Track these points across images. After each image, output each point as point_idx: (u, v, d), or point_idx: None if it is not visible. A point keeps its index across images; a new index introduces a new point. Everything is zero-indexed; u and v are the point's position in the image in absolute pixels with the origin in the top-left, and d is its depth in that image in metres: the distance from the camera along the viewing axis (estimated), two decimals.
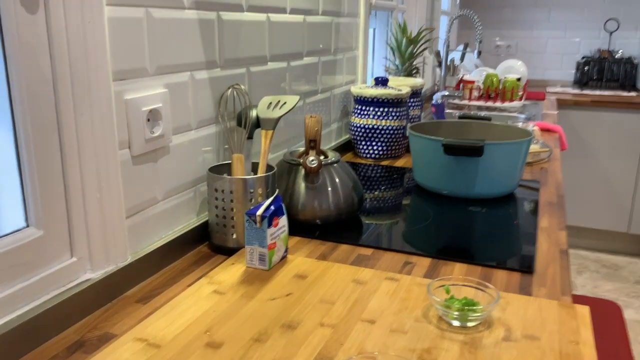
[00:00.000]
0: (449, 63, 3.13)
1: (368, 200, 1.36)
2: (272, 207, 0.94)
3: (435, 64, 3.34)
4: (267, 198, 1.01)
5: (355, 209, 1.19)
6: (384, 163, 1.72)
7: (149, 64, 0.91)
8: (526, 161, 1.55)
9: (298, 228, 1.13)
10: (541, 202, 1.36)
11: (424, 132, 1.52)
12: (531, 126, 2.08)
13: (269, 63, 1.29)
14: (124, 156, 0.88)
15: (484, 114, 2.44)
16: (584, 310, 0.82)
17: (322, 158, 1.16)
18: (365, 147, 1.75)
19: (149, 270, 0.93)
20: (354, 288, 0.88)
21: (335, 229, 1.15)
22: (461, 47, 3.30)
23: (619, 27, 3.81)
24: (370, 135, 1.72)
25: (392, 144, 1.74)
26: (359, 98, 1.73)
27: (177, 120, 0.99)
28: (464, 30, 4.25)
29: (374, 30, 2.56)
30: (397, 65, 2.23)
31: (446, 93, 2.83)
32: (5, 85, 0.72)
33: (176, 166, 1.01)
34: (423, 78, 2.30)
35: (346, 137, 1.89)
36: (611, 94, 3.50)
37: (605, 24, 3.84)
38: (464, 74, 3.21)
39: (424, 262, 1.01)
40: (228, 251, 1.03)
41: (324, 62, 1.62)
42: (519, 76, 2.88)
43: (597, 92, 3.56)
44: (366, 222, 1.21)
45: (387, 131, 1.71)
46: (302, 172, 1.14)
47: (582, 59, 3.85)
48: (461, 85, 2.82)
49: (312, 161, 1.11)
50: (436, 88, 3.39)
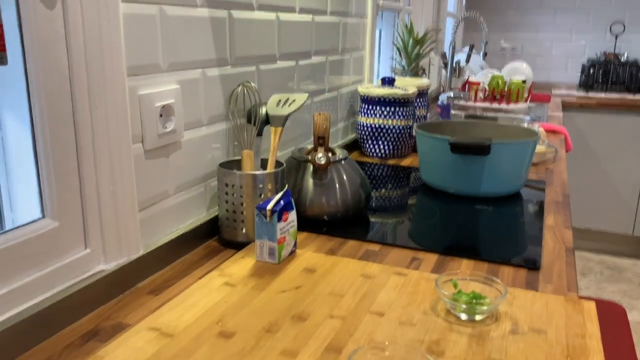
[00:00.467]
0: (454, 64, 3.14)
1: (375, 198, 1.38)
2: (281, 202, 0.96)
3: (441, 65, 3.35)
4: (276, 193, 1.02)
5: (363, 205, 1.20)
6: (391, 162, 1.74)
7: (162, 60, 0.93)
8: (532, 161, 1.55)
9: (306, 224, 1.15)
10: (547, 201, 1.37)
11: (430, 131, 1.53)
12: (536, 127, 2.09)
13: (278, 61, 1.31)
14: (137, 150, 0.90)
15: (489, 115, 2.45)
16: (590, 305, 0.83)
17: (330, 155, 1.17)
18: (371, 146, 1.76)
19: (160, 262, 0.95)
20: (363, 282, 0.90)
21: (343, 225, 1.16)
22: (467, 49, 3.31)
23: (624, 30, 3.81)
24: (376, 134, 1.73)
25: (398, 143, 1.75)
26: (365, 97, 1.74)
27: (188, 116, 1.01)
28: (470, 32, 4.26)
29: (380, 31, 2.57)
30: (403, 66, 2.24)
31: (452, 94, 2.84)
32: (23, 79, 0.74)
33: (187, 161, 1.02)
34: (429, 79, 2.31)
35: (352, 136, 1.90)
36: (616, 96, 3.50)
37: (611, 26, 3.85)
38: (469, 76, 3.21)
39: (431, 258, 1.02)
40: (238, 245, 1.04)
41: (331, 61, 1.64)
42: (524, 78, 2.89)
43: (603, 95, 3.56)
44: (373, 219, 1.23)
45: (394, 130, 1.72)
46: (311, 168, 1.16)
47: (588, 61, 3.85)
48: (467, 86, 2.83)
49: (320, 158, 1.13)
50: (442, 89, 3.40)
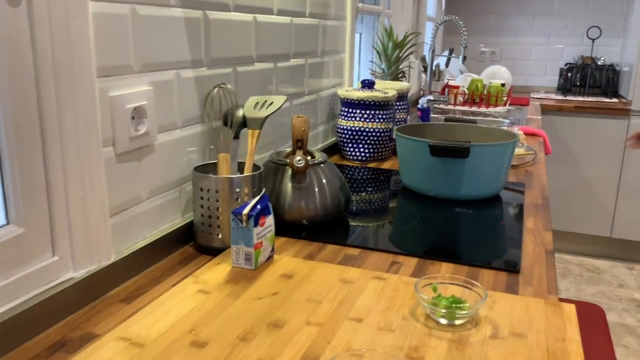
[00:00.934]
0: (434, 68, 3.15)
1: (355, 202, 1.36)
2: (258, 206, 0.94)
3: (420, 69, 3.36)
4: (254, 198, 1.00)
5: (342, 209, 1.19)
6: (371, 165, 1.72)
7: (134, 61, 0.90)
8: (511, 164, 1.55)
9: (284, 228, 1.12)
10: (526, 204, 1.37)
11: (410, 134, 1.52)
12: (516, 130, 2.09)
13: (255, 63, 1.29)
14: (108, 154, 0.87)
15: (469, 118, 2.46)
16: (570, 309, 0.82)
17: (309, 158, 1.16)
18: (352, 150, 1.75)
19: (132, 269, 0.92)
20: (341, 287, 0.88)
21: (322, 229, 1.14)
22: (446, 53, 3.32)
23: (601, 35, 3.87)
24: (356, 137, 1.72)
25: (378, 146, 1.74)
26: (345, 100, 1.73)
27: (162, 118, 0.98)
28: (449, 36, 4.28)
29: (360, 34, 2.57)
30: (383, 69, 2.23)
31: (432, 98, 2.84)
32: None
33: (161, 165, 1.00)
34: (409, 82, 2.31)
35: (332, 139, 1.89)
36: (594, 100, 3.55)
37: (588, 31, 3.90)
38: (449, 79, 3.23)
39: (411, 262, 1.01)
40: (213, 251, 1.02)
41: (310, 64, 1.62)
42: (503, 82, 2.91)
43: (580, 98, 3.60)
44: (353, 223, 1.21)
45: (374, 134, 1.71)
46: (289, 172, 1.14)
47: (566, 65, 3.90)
48: (446, 90, 2.84)
49: (299, 161, 1.11)
50: (422, 93, 3.41)
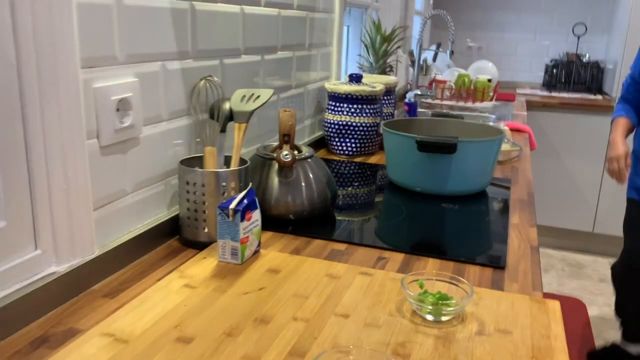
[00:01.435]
0: (421, 63, 3.15)
1: (341, 196, 1.36)
2: (245, 201, 0.93)
3: (408, 63, 3.36)
4: (240, 192, 0.99)
5: (329, 204, 1.18)
6: (358, 160, 1.72)
7: (119, 52, 0.88)
8: (497, 160, 1.56)
9: (271, 223, 1.12)
10: (512, 200, 1.38)
11: (397, 129, 1.52)
12: (502, 125, 2.10)
13: (242, 56, 1.28)
14: (92, 146, 0.85)
15: (455, 113, 2.47)
16: (555, 305, 0.83)
17: (296, 153, 1.15)
18: (338, 144, 1.74)
19: (117, 264, 0.91)
20: (328, 282, 0.87)
21: (309, 224, 1.14)
22: (434, 47, 3.33)
23: (586, 32, 3.89)
24: (343, 131, 1.72)
25: (365, 140, 1.73)
26: (333, 94, 1.72)
27: (147, 110, 0.97)
28: (437, 30, 4.29)
29: (348, 27, 2.55)
30: (370, 63, 2.23)
31: (419, 92, 2.85)
32: None
33: (146, 158, 0.98)
34: (396, 76, 2.31)
35: (320, 133, 1.88)
36: (578, 96, 3.58)
37: (574, 28, 3.93)
38: (436, 74, 3.23)
39: (398, 258, 1.01)
40: (199, 245, 1.01)
41: (298, 57, 1.61)
42: (490, 77, 2.92)
43: (565, 95, 3.63)
44: (339, 218, 1.21)
45: (361, 128, 1.71)
46: (276, 166, 1.13)
47: (551, 62, 3.93)
48: (433, 84, 2.85)
49: (286, 155, 1.10)
50: (409, 87, 3.41)
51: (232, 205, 0.91)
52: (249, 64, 1.31)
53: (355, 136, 1.72)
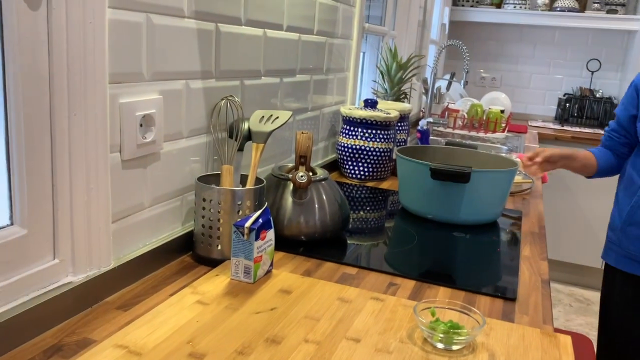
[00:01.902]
0: (435, 91, 3.18)
1: (353, 220, 1.36)
2: (260, 220, 0.94)
3: (422, 91, 3.39)
4: (255, 211, 1.00)
5: (341, 227, 1.19)
6: (369, 184, 1.73)
7: (146, 69, 0.91)
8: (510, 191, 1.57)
9: (283, 243, 1.13)
10: (523, 232, 1.38)
11: (411, 155, 1.53)
12: (514, 157, 2.11)
13: (262, 77, 1.30)
14: (114, 160, 0.87)
15: (468, 143, 2.48)
16: (566, 340, 0.83)
17: (311, 174, 1.16)
18: (351, 168, 1.75)
19: (131, 276, 0.92)
20: (339, 306, 0.88)
21: (320, 246, 1.15)
22: (448, 76, 3.35)
23: (600, 68, 3.92)
24: (357, 155, 1.73)
25: (378, 165, 1.75)
26: (347, 118, 1.74)
27: (169, 127, 0.99)
28: (451, 60, 4.33)
29: (364, 53, 2.59)
30: (385, 89, 2.25)
31: (431, 120, 2.86)
32: (0, 81, 0.71)
33: (165, 173, 1.00)
34: (410, 104, 2.33)
35: (333, 156, 1.90)
36: (590, 131, 3.58)
37: (588, 63, 3.95)
38: (449, 103, 3.25)
39: (409, 284, 1.01)
40: (212, 262, 1.02)
41: (315, 80, 1.64)
42: (502, 108, 2.93)
43: (577, 129, 3.64)
44: (350, 242, 1.21)
45: (374, 153, 1.72)
46: (290, 187, 1.14)
47: (564, 95, 3.94)
48: (446, 113, 2.87)
49: (301, 177, 1.11)
50: (422, 114, 3.43)
51: (248, 224, 0.92)
52: (268, 85, 1.33)
53: (368, 161, 1.73)
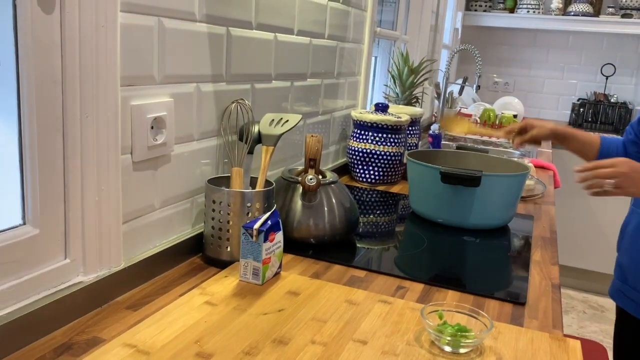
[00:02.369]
0: (447, 95, 3.17)
1: (362, 224, 1.37)
2: (269, 222, 0.94)
3: (434, 95, 3.38)
4: (264, 213, 1.01)
5: (350, 230, 1.19)
6: (380, 188, 1.73)
7: (157, 72, 0.92)
8: (520, 196, 1.56)
9: (292, 246, 1.13)
10: (534, 236, 1.37)
11: (422, 159, 1.53)
12: (526, 162, 2.10)
13: (273, 81, 1.31)
14: (126, 161, 0.88)
15: (480, 147, 2.47)
16: (576, 345, 0.82)
17: (320, 177, 1.16)
18: (361, 171, 1.76)
19: (141, 277, 0.92)
20: (347, 308, 0.88)
21: (329, 249, 1.15)
22: (460, 81, 3.34)
23: (615, 72, 3.88)
24: (367, 159, 1.73)
25: (388, 169, 1.75)
26: (358, 122, 1.74)
27: (180, 130, 1.00)
28: (464, 65, 4.31)
29: (376, 57, 2.59)
30: (397, 93, 2.25)
31: None
32: (14, 83, 0.73)
33: (176, 175, 1.01)
34: (422, 108, 2.33)
35: (343, 160, 1.90)
36: (606, 136, 3.55)
37: (602, 68, 3.92)
38: (461, 107, 3.25)
39: (417, 288, 1.01)
40: (221, 264, 1.02)
41: (326, 84, 1.64)
42: (515, 113, 2.92)
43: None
44: (360, 245, 1.21)
45: (385, 157, 1.72)
46: (300, 190, 1.15)
47: (578, 100, 3.91)
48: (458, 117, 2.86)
49: (310, 179, 1.12)
50: (433, 119, 3.42)
51: (257, 226, 0.92)
52: (279, 89, 1.34)
53: (379, 164, 1.73)
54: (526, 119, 1.51)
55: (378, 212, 1.48)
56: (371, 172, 1.74)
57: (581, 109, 3.84)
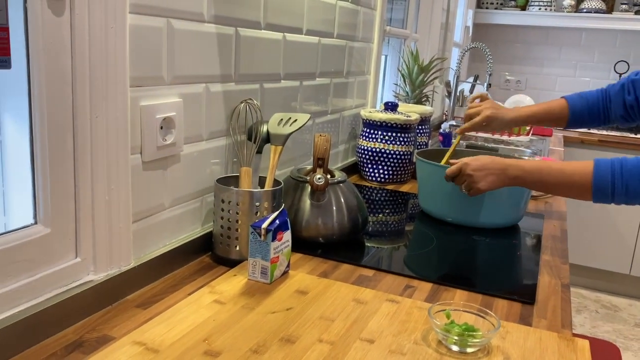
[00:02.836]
0: (458, 94, 3.16)
1: (371, 223, 1.37)
2: (277, 221, 0.95)
3: (444, 94, 3.37)
4: (273, 212, 1.01)
5: (359, 229, 1.19)
6: (389, 187, 1.73)
7: (166, 73, 0.93)
8: (531, 194, 1.55)
9: (301, 245, 1.13)
10: (544, 235, 1.36)
11: (431, 158, 1.53)
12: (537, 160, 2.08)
13: (282, 81, 1.31)
14: (135, 161, 0.89)
15: (490, 146, 2.46)
16: (584, 344, 0.82)
17: (328, 177, 1.17)
18: (371, 171, 1.76)
19: (151, 276, 0.93)
20: (354, 307, 0.88)
21: (338, 248, 1.15)
22: (471, 79, 3.33)
23: (628, 69, 3.84)
24: (376, 158, 1.73)
25: (398, 168, 1.74)
26: (368, 121, 1.74)
27: (189, 130, 1.01)
28: (475, 63, 4.29)
29: (385, 56, 2.59)
30: (407, 92, 2.25)
31: (454, 123, 2.85)
32: (25, 84, 0.74)
33: (185, 175, 1.02)
34: (432, 107, 2.32)
35: (352, 159, 1.90)
36: (618, 135, 3.52)
37: (615, 65, 3.88)
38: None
39: (425, 287, 1.01)
40: (230, 263, 1.03)
41: (335, 84, 1.64)
42: None
43: (604, 132, 3.57)
44: (369, 244, 1.22)
45: (394, 156, 1.72)
46: (308, 189, 1.15)
47: None
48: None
49: (319, 179, 1.12)
50: (444, 117, 3.41)
51: (265, 225, 0.93)
52: (287, 89, 1.35)
53: (388, 164, 1.73)
54: (488, 115, 1.44)
55: (387, 211, 1.48)
56: (380, 171, 1.74)
57: None
